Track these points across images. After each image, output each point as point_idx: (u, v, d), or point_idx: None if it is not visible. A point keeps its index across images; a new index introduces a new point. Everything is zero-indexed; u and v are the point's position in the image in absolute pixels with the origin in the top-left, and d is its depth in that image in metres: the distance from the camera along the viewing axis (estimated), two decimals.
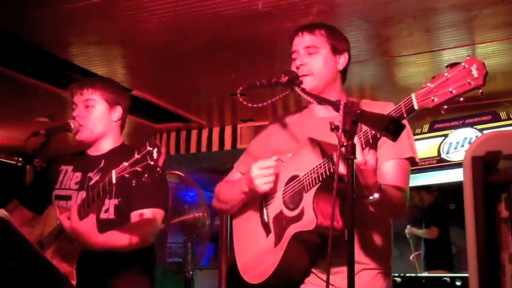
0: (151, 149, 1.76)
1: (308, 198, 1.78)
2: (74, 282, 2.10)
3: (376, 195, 1.63)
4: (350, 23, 3.64)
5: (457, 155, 4.97)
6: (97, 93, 2.38)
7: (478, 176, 1.27)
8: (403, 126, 1.46)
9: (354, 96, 2.07)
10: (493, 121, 4.92)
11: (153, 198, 2.27)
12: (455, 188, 5.19)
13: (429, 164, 5.13)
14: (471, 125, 5.02)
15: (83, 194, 2.29)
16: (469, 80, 1.38)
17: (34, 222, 2.44)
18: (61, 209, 2.25)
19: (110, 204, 2.27)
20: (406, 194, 1.84)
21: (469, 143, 4.95)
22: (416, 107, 1.46)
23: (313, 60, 1.97)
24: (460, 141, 5.03)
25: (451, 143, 5.08)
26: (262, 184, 1.90)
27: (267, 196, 1.99)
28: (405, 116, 1.50)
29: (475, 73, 1.38)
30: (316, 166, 1.75)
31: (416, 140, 5.14)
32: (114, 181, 1.88)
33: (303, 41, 2.00)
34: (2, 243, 1.81)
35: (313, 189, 1.77)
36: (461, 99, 1.41)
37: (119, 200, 2.26)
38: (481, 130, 4.91)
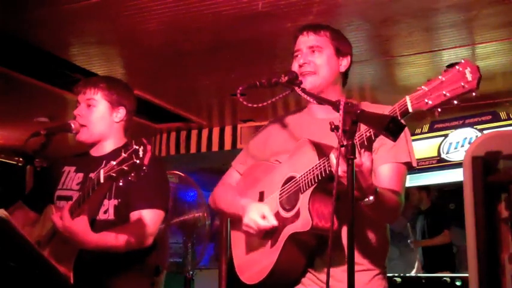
0: (137, 147, 1.74)
1: (304, 199, 1.78)
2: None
3: (371, 198, 1.63)
4: (350, 23, 3.64)
5: (457, 155, 4.96)
6: (99, 93, 2.36)
7: (478, 176, 1.27)
8: (403, 126, 1.45)
9: (354, 96, 2.07)
10: (493, 121, 4.92)
11: (153, 198, 2.25)
12: (455, 188, 5.18)
13: (429, 164, 5.12)
14: (471, 125, 5.01)
15: None
16: (462, 83, 1.38)
17: (36, 223, 2.44)
18: (57, 209, 2.24)
19: (110, 204, 2.25)
20: (401, 198, 1.84)
21: (469, 143, 4.94)
22: (410, 109, 1.47)
23: (316, 59, 1.96)
24: (460, 141, 5.03)
25: (451, 143, 5.07)
26: (249, 231, 1.93)
27: (263, 197, 2.00)
28: (399, 118, 1.49)
29: (469, 76, 1.38)
30: (313, 167, 1.75)
31: (416, 140, 5.15)
32: (102, 180, 1.87)
33: (307, 41, 1.99)
34: (2, 243, 1.81)
35: (309, 190, 1.77)
36: (455, 102, 1.41)
37: (119, 200, 2.25)
38: (481, 130, 4.90)
